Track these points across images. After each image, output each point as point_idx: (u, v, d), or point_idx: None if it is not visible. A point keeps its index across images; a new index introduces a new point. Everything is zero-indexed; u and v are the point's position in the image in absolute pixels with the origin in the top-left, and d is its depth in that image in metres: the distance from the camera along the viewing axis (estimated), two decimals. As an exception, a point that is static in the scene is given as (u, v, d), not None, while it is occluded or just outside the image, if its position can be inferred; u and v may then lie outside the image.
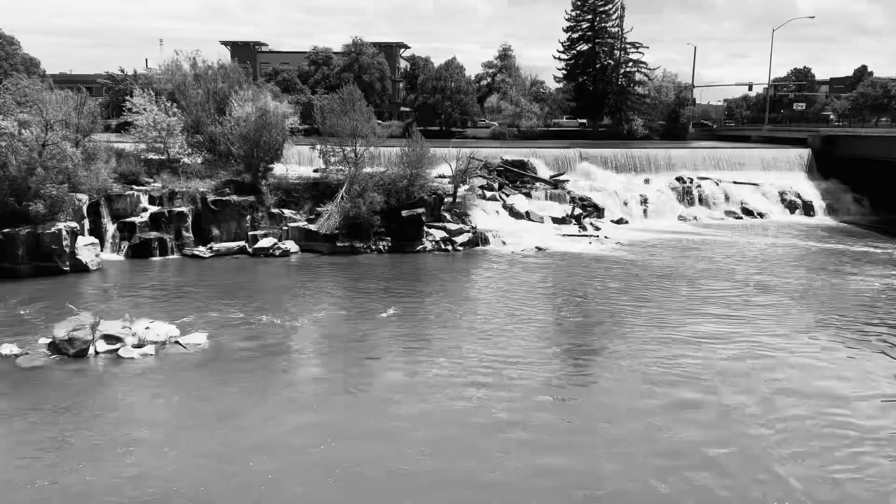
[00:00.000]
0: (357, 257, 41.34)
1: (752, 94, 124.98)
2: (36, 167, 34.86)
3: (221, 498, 15.69)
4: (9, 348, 24.08)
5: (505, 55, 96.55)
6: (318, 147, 47.53)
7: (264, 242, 41.49)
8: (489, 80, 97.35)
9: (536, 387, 21.93)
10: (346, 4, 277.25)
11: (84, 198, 38.38)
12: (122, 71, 78.85)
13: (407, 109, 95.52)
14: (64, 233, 35.41)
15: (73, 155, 37.26)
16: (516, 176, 56.70)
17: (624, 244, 46.43)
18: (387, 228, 43.36)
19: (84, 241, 36.97)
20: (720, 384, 22.16)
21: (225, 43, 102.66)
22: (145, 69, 74.27)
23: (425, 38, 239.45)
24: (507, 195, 53.37)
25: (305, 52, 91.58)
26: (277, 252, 41.26)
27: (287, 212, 43.57)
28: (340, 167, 45.67)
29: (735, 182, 62.27)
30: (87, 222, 38.66)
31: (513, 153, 60.29)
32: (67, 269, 35.47)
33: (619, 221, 54.17)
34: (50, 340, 24.33)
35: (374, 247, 42.69)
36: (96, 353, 24.05)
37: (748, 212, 59.63)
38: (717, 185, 61.31)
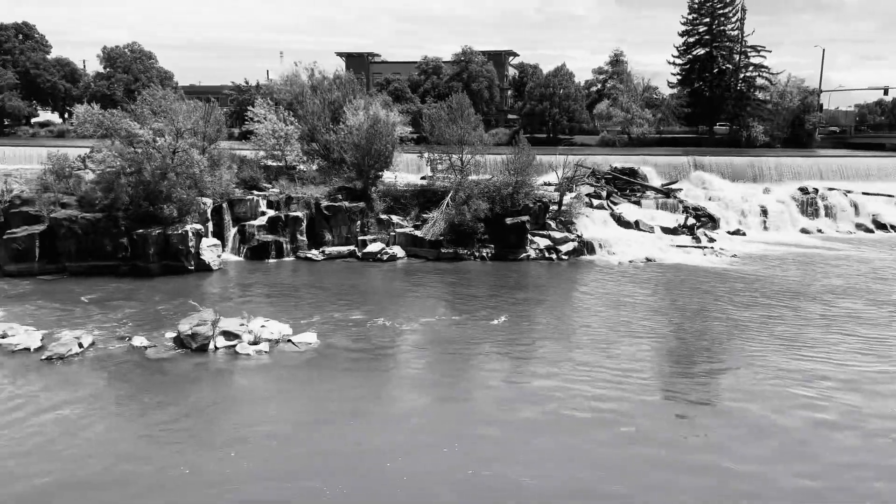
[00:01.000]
0: (461, 264, 41.66)
1: (888, 98, 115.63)
2: (167, 172, 37.55)
3: (353, 494, 16.28)
4: (140, 340, 26.03)
5: (616, 61, 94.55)
6: (425, 155, 48.42)
7: (373, 247, 42.66)
8: (599, 86, 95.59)
9: (658, 401, 21.36)
10: (456, 14, 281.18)
11: (209, 202, 40.96)
12: (246, 82, 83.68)
13: (514, 117, 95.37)
14: (190, 234, 37.90)
15: (199, 161, 39.85)
16: (625, 184, 55.30)
17: (741, 257, 44.14)
18: (491, 236, 43.45)
19: (208, 242, 39.40)
20: (864, 405, 20.79)
21: (340, 54, 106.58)
22: (267, 80, 78.42)
23: (534, 46, 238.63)
24: (616, 204, 52.12)
25: (416, 62, 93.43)
26: (385, 257, 42.30)
27: (395, 218, 44.62)
28: (447, 175, 46.28)
29: (866, 193, 57.79)
30: (210, 225, 41.20)
31: (622, 161, 58.86)
32: (192, 268, 37.90)
33: (736, 233, 51.60)
34: (175, 335, 26.09)
35: (477, 254, 42.89)
36: (216, 348, 25.55)
37: (881, 225, 55.15)
38: (846, 196, 57.12)
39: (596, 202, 51.20)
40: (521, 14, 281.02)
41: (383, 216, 44.46)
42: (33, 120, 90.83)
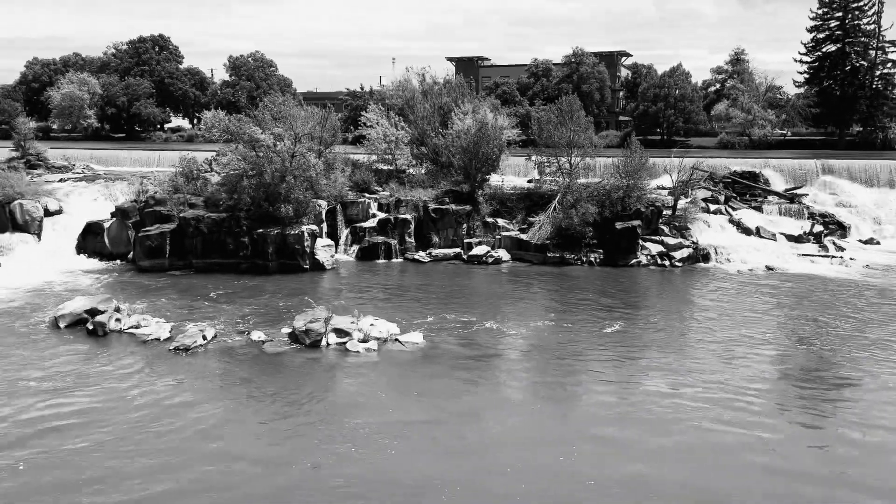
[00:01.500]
0: (567, 268, 40.99)
1: None
2: (286, 175, 39.32)
3: (471, 492, 16.49)
4: (258, 335, 27.37)
5: (737, 59, 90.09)
6: (533, 158, 48.03)
7: (478, 250, 42.79)
8: (718, 86, 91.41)
9: (785, 425, 20.04)
10: (566, 16, 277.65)
11: (323, 203, 42.55)
12: (361, 87, 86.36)
13: (626, 118, 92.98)
14: (306, 234, 39.50)
15: (316, 165, 41.48)
16: (745, 188, 52.51)
17: (875, 268, 40.78)
18: (599, 240, 42.48)
19: (322, 242, 40.92)
20: None
21: (450, 59, 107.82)
22: (379, 86, 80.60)
23: (648, 46, 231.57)
24: (734, 209, 49.56)
25: (525, 65, 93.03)
26: (490, 260, 42.31)
27: (500, 221, 44.57)
28: (554, 178, 45.71)
29: None
30: (324, 226, 42.75)
31: (742, 164, 55.93)
32: (307, 267, 39.46)
33: (869, 242, 47.71)
34: (290, 330, 27.24)
35: (585, 259, 42.05)
36: (328, 344, 26.45)
37: None
38: None
39: (713, 207, 48.90)
40: (636, 14, 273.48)
41: (489, 219, 44.52)
42: (166, 125, 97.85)
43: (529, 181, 49.66)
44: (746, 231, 46.79)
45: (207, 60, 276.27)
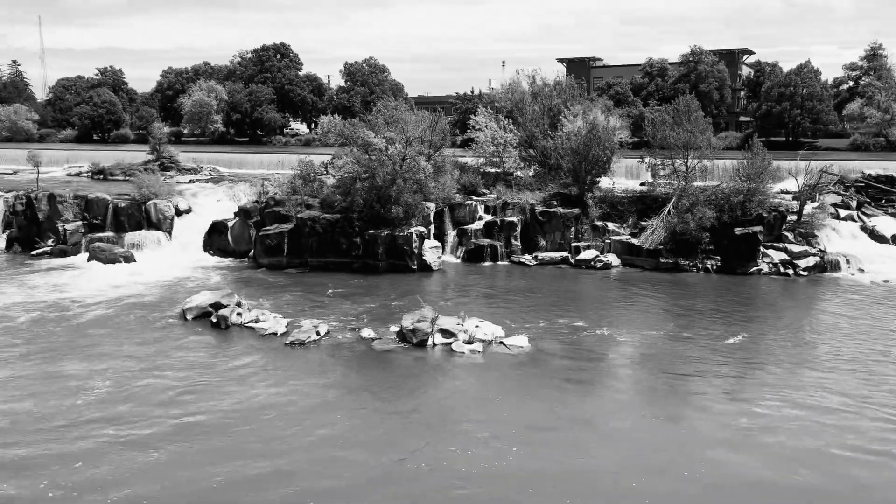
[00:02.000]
0: (681, 275, 39.40)
1: None
2: (397, 178, 40.20)
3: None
4: (367, 332, 28.13)
5: (873, 55, 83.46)
6: (646, 160, 46.53)
7: (586, 254, 41.96)
8: (850, 84, 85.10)
9: None
10: (682, 13, 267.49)
11: (432, 206, 43.20)
12: (471, 91, 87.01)
13: (747, 119, 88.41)
14: (414, 236, 40.22)
15: (425, 168, 42.15)
16: (881, 193, 48.51)
17: None
18: (716, 246, 40.57)
19: (429, 244, 41.52)
20: None
21: (561, 60, 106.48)
22: (489, 89, 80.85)
23: (772, 42, 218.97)
24: (868, 215, 45.90)
25: (639, 65, 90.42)
26: (598, 264, 41.39)
27: (610, 225, 43.49)
28: (669, 181, 44.10)
29: None
30: (432, 227, 43.37)
31: (879, 167, 51.75)
32: (415, 267, 40.15)
33: None
34: (398, 329, 27.79)
35: (700, 265, 40.27)
36: (434, 344, 26.77)
37: None
38: None
39: (843, 213, 45.51)
40: (759, 9, 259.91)
41: (598, 223, 43.55)
42: (285, 130, 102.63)
43: (642, 184, 48.19)
44: (881, 239, 43.27)
45: (325, 67, 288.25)
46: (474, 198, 46.31)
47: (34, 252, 44.06)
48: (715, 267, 40.09)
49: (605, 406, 21.66)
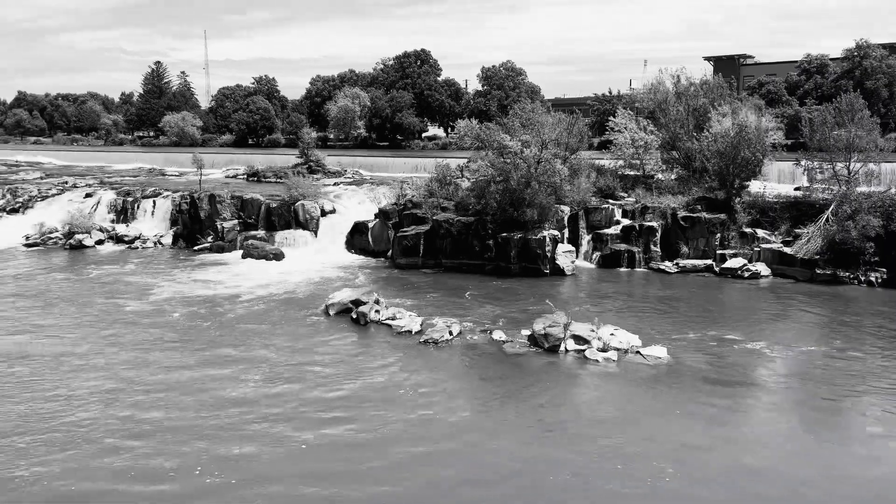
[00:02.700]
0: (841, 288, 36.19)
1: None
2: (531, 181, 39.99)
3: None
4: (499, 335, 28.17)
5: None
6: (802, 163, 43.17)
7: (733, 262, 39.60)
8: None
9: None
10: (844, 5, 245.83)
11: (566, 209, 42.56)
12: (609, 92, 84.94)
13: (921, 118, 79.67)
14: (548, 240, 39.82)
15: (560, 171, 41.62)
16: None
17: None
18: (882, 258, 36.88)
19: (563, 248, 40.94)
20: None
21: (708, 58, 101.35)
22: (629, 89, 78.53)
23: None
24: None
25: (795, 62, 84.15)
26: (746, 274, 38.92)
27: (760, 232, 40.77)
28: (828, 185, 40.67)
29: None
30: (566, 231, 42.72)
31: None
32: (547, 271, 39.73)
33: None
34: (529, 333, 27.60)
35: (863, 278, 36.79)
36: (566, 350, 26.33)
37: None
38: None
39: None
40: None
41: (747, 229, 40.95)
42: (423, 134, 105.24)
43: (797, 189, 44.85)
44: None
45: (463, 72, 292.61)
46: (611, 201, 45.10)
47: (196, 247, 48.30)
48: (880, 280, 36.50)
49: (757, 428, 20.16)
